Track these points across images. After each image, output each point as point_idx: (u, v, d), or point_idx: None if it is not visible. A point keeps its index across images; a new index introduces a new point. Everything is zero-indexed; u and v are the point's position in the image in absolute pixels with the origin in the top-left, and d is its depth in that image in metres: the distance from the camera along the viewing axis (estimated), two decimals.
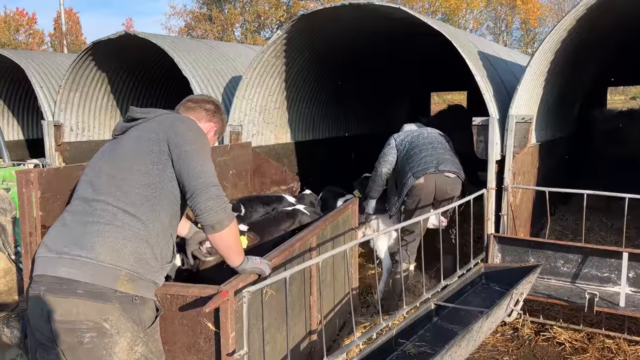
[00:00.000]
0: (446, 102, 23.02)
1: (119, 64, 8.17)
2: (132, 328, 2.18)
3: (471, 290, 4.17)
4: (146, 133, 2.36)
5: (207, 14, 34.71)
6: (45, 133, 7.81)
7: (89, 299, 2.11)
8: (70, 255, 2.15)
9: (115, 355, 2.15)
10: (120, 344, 2.15)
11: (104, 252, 2.15)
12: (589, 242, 4.64)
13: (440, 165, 4.68)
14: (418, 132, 5.11)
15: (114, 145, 2.42)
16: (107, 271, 2.14)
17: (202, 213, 2.25)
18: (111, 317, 2.13)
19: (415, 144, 4.93)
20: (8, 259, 3.67)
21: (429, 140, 4.95)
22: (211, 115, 2.70)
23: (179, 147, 2.30)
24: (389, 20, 5.89)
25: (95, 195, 2.26)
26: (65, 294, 2.11)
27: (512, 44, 37.25)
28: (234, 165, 4.85)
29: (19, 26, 37.01)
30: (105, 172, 2.31)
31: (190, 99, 2.73)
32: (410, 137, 5.02)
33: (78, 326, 2.10)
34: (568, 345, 4.16)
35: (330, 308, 3.90)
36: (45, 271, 2.17)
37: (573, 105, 8.09)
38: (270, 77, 6.55)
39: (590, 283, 4.27)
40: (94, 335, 2.11)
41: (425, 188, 4.69)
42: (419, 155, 4.79)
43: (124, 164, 2.30)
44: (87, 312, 2.11)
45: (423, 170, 4.66)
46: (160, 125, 2.38)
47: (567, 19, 4.67)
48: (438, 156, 4.78)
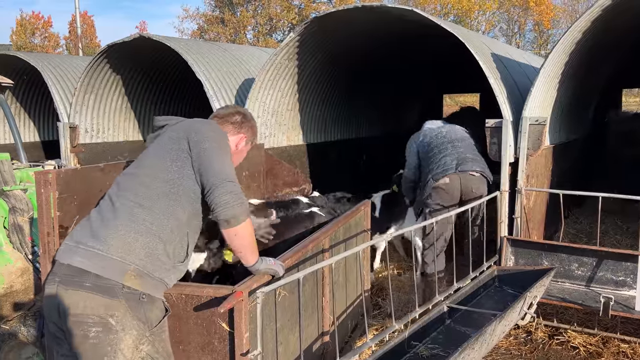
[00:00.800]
0: (458, 104, 22.91)
1: (133, 66, 8.25)
2: (137, 326, 2.20)
3: (484, 293, 4.15)
4: (168, 135, 2.44)
5: (220, 16, 34.94)
6: (61, 135, 7.90)
7: (96, 293, 2.14)
8: (85, 246, 2.20)
9: (120, 352, 2.16)
10: (125, 341, 2.17)
11: (115, 244, 2.19)
12: (603, 246, 4.60)
13: (461, 165, 4.59)
14: (437, 131, 4.97)
15: (143, 152, 2.51)
16: (115, 264, 2.17)
17: (217, 207, 2.25)
18: (117, 313, 2.15)
19: (434, 144, 4.83)
20: (25, 259, 3.73)
21: (448, 139, 4.84)
22: (238, 127, 2.71)
23: (198, 144, 2.34)
24: (401, 22, 5.89)
25: (118, 192, 2.35)
26: (74, 287, 2.15)
27: (525, 45, 37.00)
28: (247, 167, 4.88)
29: (35, 29, 37.54)
30: (130, 172, 2.41)
31: (217, 114, 2.74)
32: (429, 138, 4.91)
33: (84, 320, 2.13)
34: (582, 349, 4.12)
35: (343, 310, 3.90)
36: (62, 259, 2.22)
37: (587, 107, 8.01)
38: (283, 79, 6.57)
39: (605, 287, 4.22)
40: (100, 330, 2.13)
41: (450, 189, 4.58)
42: (437, 157, 4.71)
43: (146, 162, 2.41)
44: (94, 306, 2.14)
45: (443, 172, 4.58)
46: (181, 125, 2.47)
47: (581, 20, 4.64)
48: (458, 155, 4.68)
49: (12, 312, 3.60)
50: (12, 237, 3.75)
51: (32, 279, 3.74)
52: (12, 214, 3.76)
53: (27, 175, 4.37)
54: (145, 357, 2.26)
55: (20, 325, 3.28)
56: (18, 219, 3.74)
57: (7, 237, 3.79)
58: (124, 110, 8.67)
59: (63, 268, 2.20)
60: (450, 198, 4.61)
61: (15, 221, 3.73)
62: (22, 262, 3.74)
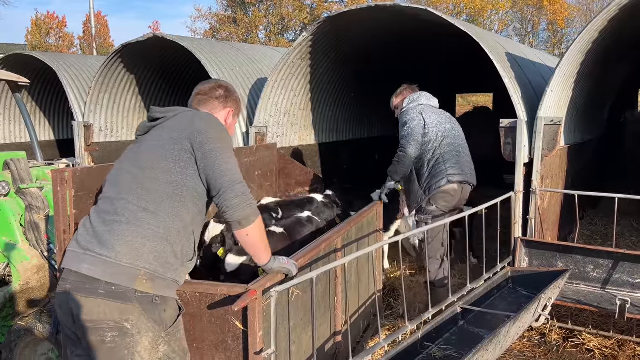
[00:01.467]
0: (471, 104, 22.77)
1: (146, 66, 8.32)
2: (153, 328, 2.20)
3: (498, 294, 4.12)
4: (167, 132, 2.37)
5: (232, 16, 35.05)
6: (76, 133, 7.99)
7: (110, 299, 2.14)
8: (93, 253, 2.19)
9: (137, 355, 2.17)
10: (142, 343, 2.18)
11: (123, 251, 2.17)
12: (619, 247, 4.54)
13: (468, 175, 4.40)
14: (450, 125, 4.52)
15: (137, 146, 2.44)
16: (125, 271, 2.16)
17: (228, 210, 2.26)
18: (132, 317, 2.16)
19: (450, 140, 4.40)
20: (41, 256, 3.77)
21: (460, 141, 4.51)
22: (224, 101, 2.64)
23: (203, 145, 2.29)
24: (415, 21, 5.87)
25: (118, 194, 2.29)
26: (88, 294, 2.15)
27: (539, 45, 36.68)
28: (260, 166, 4.89)
29: (50, 29, 37.94)
30: (128, 171, 2.34)
31: (199, 91, 2.64)
32: (444, 128, 4.43)
33: (100, 325, 2.14)
34: (598, 352, 4.07)
35: (355, 309, 3.90)
36: (70, 266, 2.22)
37: (603, 107, 7.93)
38: (296, 79, 6.58)
39: (621, 289, 4.17)
40: (116, 335, 2.14)
41: (456, 196, 4.37)
42: (456, 158, 4.36)
43: (146, 162, 2.31)
44: (109, 312, 2.14)
45: (459, 175, 4.31)
46: (181, 123, 2.39)
47: (598, 20, 4.59)
48: (469, 164, 4.49)
49: (28, 308, 3.63)
50: (29, 235, 3.79)
51: (48, 276, 3.77)
52: (29, 212, 3.80)
53: (43, 173, 4.42)
54: (163, 357, 2.27)
55: (36, 321, 3.31)
56: (34, 216, 3.78)
57: (24, 235, 3.83)
58: (138, 109, 8.74)
59: (72, 275, 2.19)
60: (453, 206, 4.41)
61: (31, 219, 3.77)
62: (38, 259, 3.78)
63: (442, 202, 4.34)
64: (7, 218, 3.86)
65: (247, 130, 6.58)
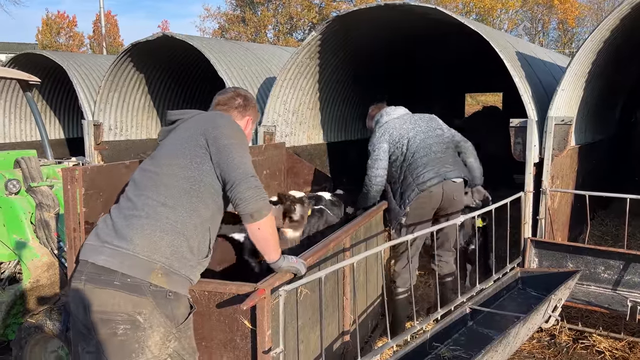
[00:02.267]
0: (480, 103, 22.66)
1: (156, 65, 8.35)
2: (165, 323, 2.22)
3: (507, 295, 4.09)
4: (184, 131, 2.42)
5: (241, 16, 35.13)
6: (86, 132, 8.04)
7: (125, 291, 2.16)
8: (112, 245, 2.21)
9: (148, 349, 2.18)
10: (153, 338, 2.19)
11: (141, 244, 2.20)
12: (630, 248, 4.49)
13: (444, 174, 4.13)
14: (414, 131, 4.28)
15: (158, 149, 2.50)
16: (142, 263, 2.18)
17: (241, 202, 2.27)
18: (145, 310, 2.17)
19: (415, 147, 4.21)
20: (51, 254, 3.79)
21: (430, 140, 4.26)
22: (243, 110, 2.72)
23: (217, 140, 2.32)
24: (424, 20, 5.85)
25: (138, 191, 2.34)
26: (102, 285, 2.17)
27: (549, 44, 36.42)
28: (268, 166, 4.88)
29: (60, 29, 38.23)
30: (148, 169, 2.40)
31: (219, 101, 2.72)
32: (407, 140, 4.25)
33: (113, 317, 2.15)
34: (608, 354, 4.03)
35: (363, 309, 3.89)
36: (87, 257, 2.25)
37: (614, 107, 7.85)
38: (304, 78, 6.58)
39: (632, 290, 4.12)
40: (128, 328, 2.16)
41: (433, 200, 4.14)
42: (424, 162, 4.15)
43: (164, 160, 2.37)
44: (123, 304, 2.16)
45: (431, 179, 4.08)
46: (197, 122, 2.44)
47: (610, 18, 4.54)
48: (444, 158, 4.22)
49: (38, 306, 3.66)
50: (39, 233, 3.81)
51: (58, 273, 3.80)
52: (39, 210, 3.83)
53: (53, 171, 4.45)
54: (172, 353, 2.29)
55: (46, 319, 3.34)
56: (44, 214, 3.80)
57: (34, 232, 3.86)
58: (147, 108, 8.78)
59: (88, 266, 2.22)
60: (431, 209, 4.22)
61: (41, 217, 3.79)
62: (48, 257, 3.81)
63: (418, 204, 4.14)
64: (17, 216, 3.90)
65: (255, 129, 6.59)
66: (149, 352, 2.19)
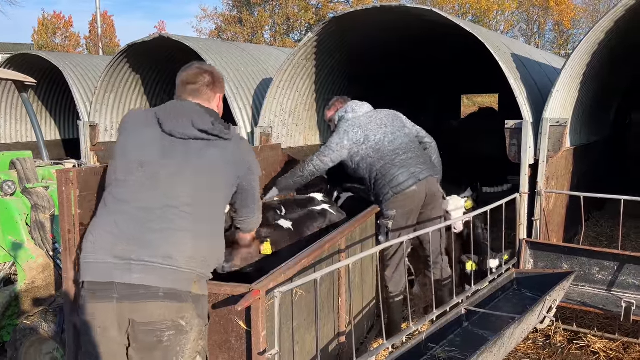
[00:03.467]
0: (476, 104, 22.71)
1: (152, 66, 8.34)
2: (199, 323, 2.28)
3: (502, 295, 4.10)
4: (221, 161, 2.44)
5: (238, 16, 35.12)
6: (82, 133, 8.03)
7: (170, 301, 2.19)
8: (142, 262, 2.18)
9: (187, 351, 2.25)
10: (190, 339, 2.25)
11: (178, 257, 2.23)
12: (625, 250, 4.51)
13: (419, 174, 4.05)
14: (382, 132, 4.19)
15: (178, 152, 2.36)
16: (184, 276, 2.23)
17: (247, 222, 2.80)
18: (186, 314, 2.23)
19: (383, 150, 4.11)
20: (47, 255, 3.78)
21: (399, 140, 4.18)
22: (213, 87, 2.62)
23: (248, 178, 2.58)
24: (420, 22, 5.86)
25: (167, 200, 2.28)
26: (146, 299, 2.17)
27: (545, 46, 36.53)
28: (264, 167, 4.88)
29: (56, 29, 38.16)
30: (176, 180, 2.32)
31: (187, 80, 2.57)
32: (374, 141, 4.14)
33: (159, 327, 2.18)
34: (603, 354, 4.05)
35: (359, 310, 3.89)
36: (111, 278, 2.19)
37: (609, 109, 7.89)
38: (301, 79, 6.58)
39: (626, 291, 4.14)
40: (172, 334, 2.20)
41: (416, 196, 4.05)
42: (397, 162, 4.07)
43: (201, 181, 2.36)
44: (168, 313, 2.19)
45: (406, 181, 4.00)
46: (234, 155, 2.49)
47: (605, 20, 4.57)
48: (416, 157, 4.14)
49: (33, 307, 3.65)
50: (34, 234, 3.80)
51: (54, 275, 3.79)
52: (34, 211, 3.82)
53: (48, 173, 4.44)
54: (201, 351, 2.35)
55: (41, 320, 3.33)
56: (40, 216, 3.79)
57: (29, 234, 3.85)
58: (143, 109, 8.76)
59: (120, 287, 2.17)
60: (416, 207, 4.12)
61: (37, 218, 3.78)
62: (43, 259, 3.80)
63: (400, 206, 4.06)
64: (13, 217, 3.88)
65: (252, 130, 6.59)
66: (188, 352, 2.26)
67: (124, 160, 2.38)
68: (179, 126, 2.38)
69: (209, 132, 2.41)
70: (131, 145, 2.40)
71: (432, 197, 4.16)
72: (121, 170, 2.36)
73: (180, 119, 2.40)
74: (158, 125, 2.40)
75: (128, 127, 2.46)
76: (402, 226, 4.08)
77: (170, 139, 2.37)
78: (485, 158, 8.91)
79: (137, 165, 2.33)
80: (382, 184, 4.05)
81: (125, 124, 2.50)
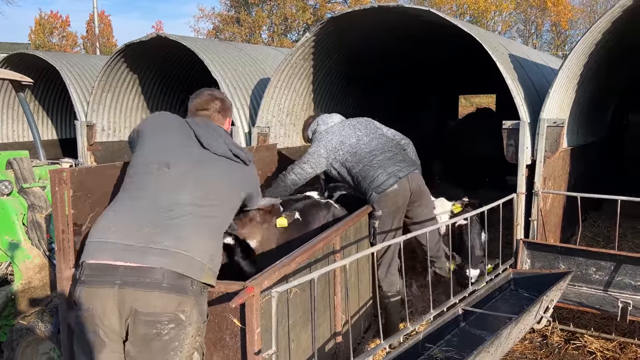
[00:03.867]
0: (474, 105, 22.75)
1: (149, 65, 8.32)
2: (198, 319, 2.30)
3: (499, 296, 4.11)
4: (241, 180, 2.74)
5: (235, 16, 35.10)
6: (78, 133, 8.01)
7: (172, 292, 2.22)
8: (161, 245, 2.26)
9: (186, 346, 2.26)
10: (189, 334, 2.27)
11: (195, 246, 2.32)
12: (621, 250, 4.52)
13: (401, 171, 4.06)
14: (355, 136, 4.22)
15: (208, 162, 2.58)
16: (197, 264, 2.30)
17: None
18: (186, 308, 2.25)
19: (359, 154, 4.13)
20: (43, 255, 3.77)
21: (374, 142, 4.21)
22: (224, 112, 2.88)
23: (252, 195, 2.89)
24: (418, 22, 5.86)
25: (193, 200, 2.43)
26: (149, 288, 2.19)
27: (542, 46, 36.61)
28: (260, 167, 4.86)
29: (53, 29, 38.07)
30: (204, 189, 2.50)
31: (199, 107, 2.83)
32: (349, 148, 4.17)
33: (160, 318, 2.20)
34: (599, 354, 4.06)
35: (355, 310, 3.89)
36: (120, 259, 2.23)
37: (606, 109, 7.90)
38: (298, 79, 6.58)
39: (623, 291, 4.15)
40: (172, 327, 2.22)
41: (400, 194, 4.04)
42: (374, 164, 4.08)
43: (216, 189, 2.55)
44: (169, 304, 2.21)
45: (387, 180, 4.00)
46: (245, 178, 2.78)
47: (602, 21, 4.57)
48: (395, 156, 4.14)
49: (30, 307, 3.64)
50: (31, 234, 3.79)
51: (50, 275, 3.78)
52: (31, 211, 3.81)
53: (45, 172, 4.42)
54: (198, 347, 2.36)
55: (37, 320, 3.32)
56: (36, 215, 3.78)
57: (26, 234, 3.84)
58: (140, 108, 8.75)
59: (125, 271, 2.20)
60: (402, 205, 4.12)
61: (33, 218, 3.77)
62: (40, 259, 3.79)
63: (384, 206, 4.04)
64: (9, 217, 3.87)
65: (249, 130, 6.58)
66: (186, 347, 2.27)
67: (153, 155, 2.51)
68: (213, 141, 2.63)
69: (239, 157, 2.69)
70: (161, 144, 2.57)
71: (417, 193, 4.16)
72: (147, 164, 2.50)
73: (214, 136, 2.65)
74: (192, 133, 2.63)
75: (156, 127, 2.67)
76: (389, 225, 4.09)
77: (204, 151, 2.60)
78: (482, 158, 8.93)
79: (164, 164, 2.47)
80: (364, 186, 4.09)
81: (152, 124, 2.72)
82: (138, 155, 2.56)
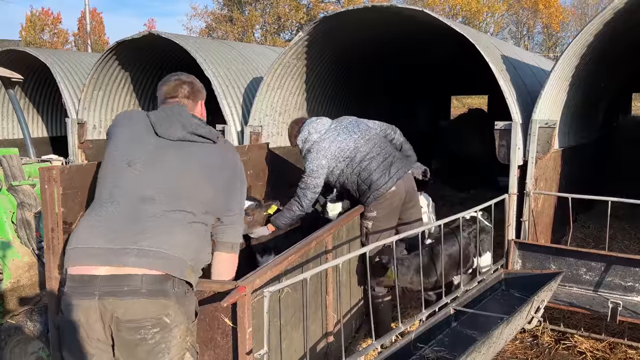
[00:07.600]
0: (466, 105, 22.82)
1: (141, 63, 8.28)
2: (184, 320, 2.26)
3: (491, 296, 4.12)
4: (201, 161, 2.47)
5: (228, 15, 34.97)
6: (69, 131, 7.95)
7: (152, 297, 2.17)
8: (138, 246, 2.20)
9: (173, 348, 2.23)
10: (176, 336, 2.24)
11: (174, 247, 2.25)
12: (612, 250, 4.55)
13: (396, 173, 4.09)
14: (352, 140, 4.19)
15: (170, 152, 2.42)
16: (178, 262, 2.24)
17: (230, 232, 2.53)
18: (170, 311, 2.21)
19: (357, 159, 4.13)
20: (32, 254, 3.73)
21: (370, 144, 4.20)
22: (193, 96, 2.68)
23: (231, 180, 2.55)
24: (411, 22, 5.87)
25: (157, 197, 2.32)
26: (130, 295, 2.15)
27: (534, 48, 36.83)
28: (252, 166, 4.86)
29: (44, 26, 37.74)
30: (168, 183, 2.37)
31: (168, 94, 2.64)
32: (346, 154, 4.16)
33: (142, 324, 2.16)
34: (589, 354, 4.08)
35: (347, 309, 3.89)
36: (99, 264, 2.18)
37: (597, 111, 7.96)
38: (291, 78, 6.57)
39: (613, 292, 4.18)
40: (156, 331, 2.18)
41: (397, 195, 4.10)
42: (373, 169, 4.09)
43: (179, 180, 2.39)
44: (152, 309, 2.17)
45: (385, 184, 4.04)
46: (211, 157, 2.51)
47: (593, 23, 4.60)
48: (384, 162, 4.14)
49: (19, 306, 3.60)
50: (20, 232, 3.75)
51: (39, 274, 3.74)
52: (20, 209, 3.76)
53: (35, 170, 4.37)
54: (189, 347, 2.33)
55: (26, 320, 3.29)
56: (26, 214, 3.74)
57: (15, 232, 3.79)
58: (132, 106, 8.70)
59: (103, 281, 2.16)
60: (397, 206, 4.16)
61: (23, 216, 3.73)
62: (29, 257, 3.74)
63: (381, 208, 4.10)
64: None
65: (242, 129, 6.56)
66: (174, 350, 2.24)
67: (118, 155, 2.44)
68: (168, 128, 2.46)
69: (202, 135, 2.49)
70: (123, 141, 2.47)
71: (411, 195, 4.25)
72: (114, 164, 2.42)
73: (169, 121, 2.48)
74: (151, 127, 2.48)
75: (121, 125, 2.54)
76: (383, 227, 4.12)
77: (160, 140, 2.45)
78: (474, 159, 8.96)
79: (126, 162, 2.39)
80: (363, 190, 4.13)
81: (118, 122, 2.58)
82: (105, 156, 2.48)
